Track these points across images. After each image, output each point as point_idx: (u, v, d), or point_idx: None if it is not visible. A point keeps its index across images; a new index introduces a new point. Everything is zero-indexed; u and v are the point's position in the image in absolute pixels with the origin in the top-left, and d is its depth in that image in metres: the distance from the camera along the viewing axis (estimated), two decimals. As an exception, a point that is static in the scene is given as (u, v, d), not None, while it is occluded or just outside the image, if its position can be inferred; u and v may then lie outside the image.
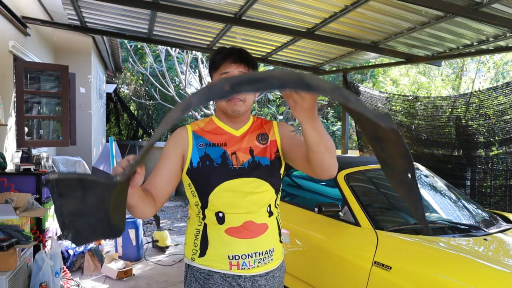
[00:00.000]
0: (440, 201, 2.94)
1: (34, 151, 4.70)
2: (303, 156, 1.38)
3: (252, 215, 1.40)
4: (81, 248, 4.20)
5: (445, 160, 4.57)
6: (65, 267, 3.90)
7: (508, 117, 3.96)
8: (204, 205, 1.42)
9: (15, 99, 4.70)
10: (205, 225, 1.43)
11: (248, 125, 1.53)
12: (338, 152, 7.09)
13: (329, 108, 11.12)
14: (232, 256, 1.38)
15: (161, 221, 6.43)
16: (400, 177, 1.01)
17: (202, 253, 1.42)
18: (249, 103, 1.48)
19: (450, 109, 4.53)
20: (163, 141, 13.22)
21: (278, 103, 11.32)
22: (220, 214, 1.39)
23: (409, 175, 0.98)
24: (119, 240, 4.43)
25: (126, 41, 10.23)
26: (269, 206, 1.45)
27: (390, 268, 2.06)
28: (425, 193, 3.00)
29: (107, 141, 9.32)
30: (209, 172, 1.40)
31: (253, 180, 1.41)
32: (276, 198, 1.49)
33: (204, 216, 1.43)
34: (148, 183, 1.40)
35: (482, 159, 4.23)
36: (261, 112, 10.08)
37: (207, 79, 9.63)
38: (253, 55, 5.55)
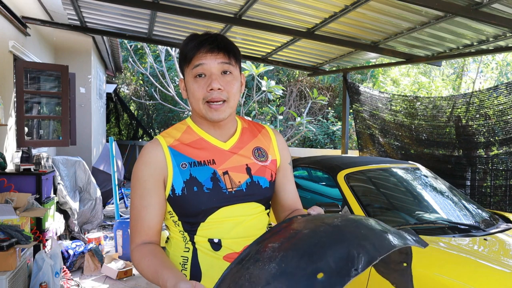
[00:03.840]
0: (440, 201, 2.94)
1: (34, 151, 4.70)
2: (280, 205, 1.29)
3: (254, 238, 1.11)
4: (81, 248, 4.20)
5: (445, 160, 4.57)
6: (65, 267, 3.90)
7: (508, 117, 3.95)
8: (192, 233, 1.16)
9: (15, 99, 4.70)
10: (195, 250, 1.15)
11: (237, 134, 1.23)
12: (338, 152, 7.09)
13: (329, 108, 11.11)
14: None
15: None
16: (394, 266, 0.94)
17: (195, 277, 1.15)
18: (234, 103, 1.17)
19: (450, 109, 4.53)
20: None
21: (278, 103, 11.32)
22: (216, 240, 1.14)
23: (405, 264, 0.92)
24: (119, 240, 4.43)
25: (126, 41, 10.23)
26: (267, 226, 1.27)
27: (390, 268, 2.05)
28: (425, 193, 3.00)
29: (107, 141, 9.32)
30: (198, 200, 1.12)
31: (252, 205, 1.18)
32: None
33: (193, 241, 1.16)
34: (144, 234, 1.13)
35: (482, 159, 4.23)
36: (262, 112, 10.08)
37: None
38: (253, 55, 5.56)
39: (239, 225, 1.16)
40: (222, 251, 1.14)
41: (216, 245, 1.14)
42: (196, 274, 1.14)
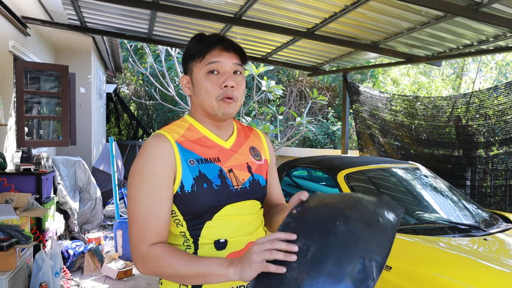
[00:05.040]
0: (440, 201, 2.94)
1: (34, 151, 4.70)
2: (265, 202, 1.32)
3: (253, 235, 1.18)
4: (81, 248, 4.20)
5: (445, 160, 4.57)
6: (65, 267, 3.90)
7: (508, 117, 3.95)
8: (196, 233, 1.13)
9: (15, 99, 4.70)
10: (197, 251, 1.14)
11: (235, 134, 1.26)
12: (338, 152, 7.09)
13: (329, 108, 11.11)
14: (238, 287, 1.13)
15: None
16: None
17: None
18: (240, 102, 1.19)
19: (450, 109, 4.53)
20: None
21: (278, 103, 11.32)
22: (222, 240, 1.13)
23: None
24: (119, 240, 4.43)
25: (126, 41, 10.22)
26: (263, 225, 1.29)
27: (390, 268, 2.05)
28: (425, 193, 3.00)
29: (107, 141, 9.32)
30: (207, 197, 1.10)
31: (253, 202, 1.20)
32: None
33: (196, 246, 1.13)
34: (157, 234, 1.06)
35: (482, 159, 4.23)
36: (262, 112, 10.07)
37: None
38: (253, 55, 5.57)
39: (243, 224, 1.16)
40: (226, 250, 1.13)
41: (221, 245, 1.13)
42: None
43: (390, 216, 0.94)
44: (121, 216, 5.35)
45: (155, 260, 1.03)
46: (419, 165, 3.37)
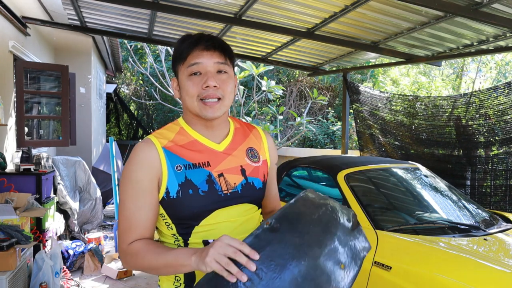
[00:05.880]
0: (440, 201, 2.94)
1: (34, 151, 4.70)
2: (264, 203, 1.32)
3: (246, 235, 1.14)
4: (81, 248, 4.20)
5: (445, 160, 4.57)
6: (65, 267, 3.90)
7: (508, 117, 3.95)
8: (186, 237, 1.14)
9: (15, 99, 4.70)
10: None
11: (230, 135, 1.22)
12: (338, 152, 7.09)
13: (329, 108, 11.12)
14: None
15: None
16: None
17: (188, 286, 1.13)
18: (228, 102, 1.15)
19: (450, 109, 4.53)
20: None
21: (278, 103, 11.32)
22: (211, 241, 1.11)
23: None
24: (119, 240, 4.42)
25: (126, 41, 10.23)
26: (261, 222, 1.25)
27: (390, 268, 2.05)
28: (425, 193, 3.00)
29: (107, 141, 9.32)
30: (193, 203, 1.10)
31: (246, 206, 1.17)
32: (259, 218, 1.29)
33: (186, 244, 1.14)
34: (138, 234, 1.10)
35: (482, 159, 4.23)
36: (262, 112, 10.08)
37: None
38: (253, 55, 5.55)
39: (234, 227, 1.15)
40: None
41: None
42: (190, 276, 1.13)
43: (362, 252, 0.94)
44: (121, 216, 5.35)
45: (132, 255, 1.08)
46: (419, 165, 3.37)
